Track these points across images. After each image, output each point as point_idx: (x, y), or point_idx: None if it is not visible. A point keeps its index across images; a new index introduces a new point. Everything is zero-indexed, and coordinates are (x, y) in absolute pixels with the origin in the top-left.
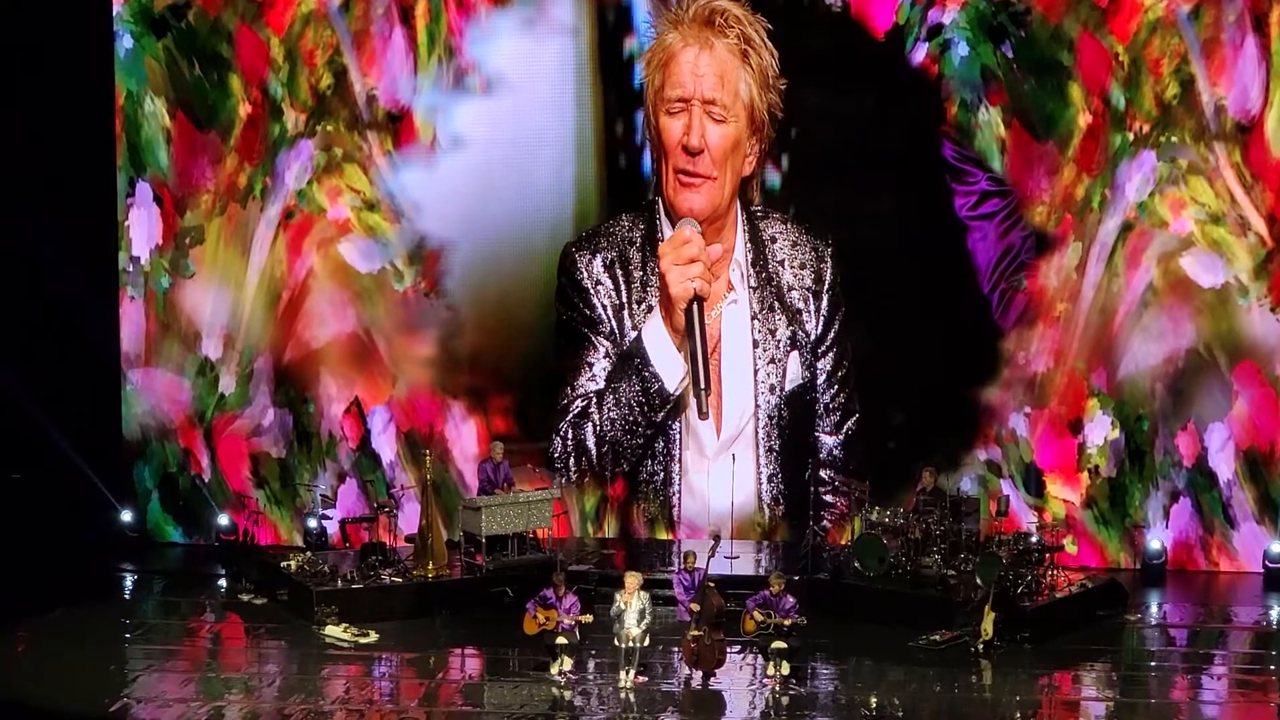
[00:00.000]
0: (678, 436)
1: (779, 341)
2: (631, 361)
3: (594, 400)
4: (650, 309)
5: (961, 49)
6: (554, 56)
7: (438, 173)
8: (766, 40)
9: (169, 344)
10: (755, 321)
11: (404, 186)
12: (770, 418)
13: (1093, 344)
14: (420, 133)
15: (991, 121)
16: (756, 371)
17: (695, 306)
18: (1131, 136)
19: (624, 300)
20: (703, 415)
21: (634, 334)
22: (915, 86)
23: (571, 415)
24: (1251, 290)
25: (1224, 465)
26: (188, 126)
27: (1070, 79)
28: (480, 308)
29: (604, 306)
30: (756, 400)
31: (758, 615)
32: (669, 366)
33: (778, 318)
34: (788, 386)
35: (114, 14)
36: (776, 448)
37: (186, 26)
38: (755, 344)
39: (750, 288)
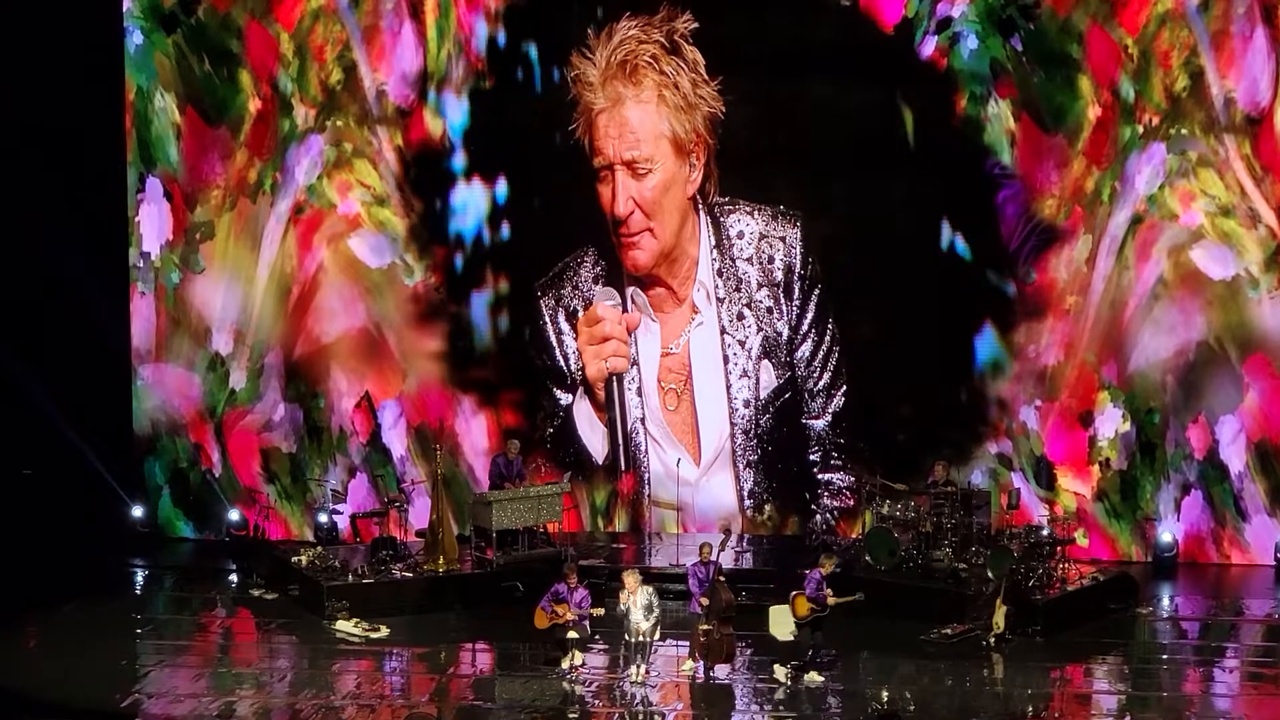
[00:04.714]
0: (645, 460)
1: (749, 351)
2: (567, 431)
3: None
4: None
5: (971, 42)
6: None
7: (446, 167)
8: (686, 51)
9: (179, 339)
10: (725, 336)
11: (413, 181)
12: (746, 432)
13: (1103, 337)
14: (430, 127)
15: (1001, 114)
16: (729, 388)
17: (614, 382)
18: (1141, 129)
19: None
20: (620, 489)
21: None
22: (924, 79)
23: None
24: (1262, 282)
25: (1235, 458)
26: (198, 122)
27: (1079, 72)
28: (489, 302)
29: (565, 358)
30: (732, 419)
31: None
32: (594, 440)
33: (747, 325)
34: (762, 395)
35: (124, 10)
36: (754, 460)
37: (196, 22)
38: (726, 359)
39: (717, 300)
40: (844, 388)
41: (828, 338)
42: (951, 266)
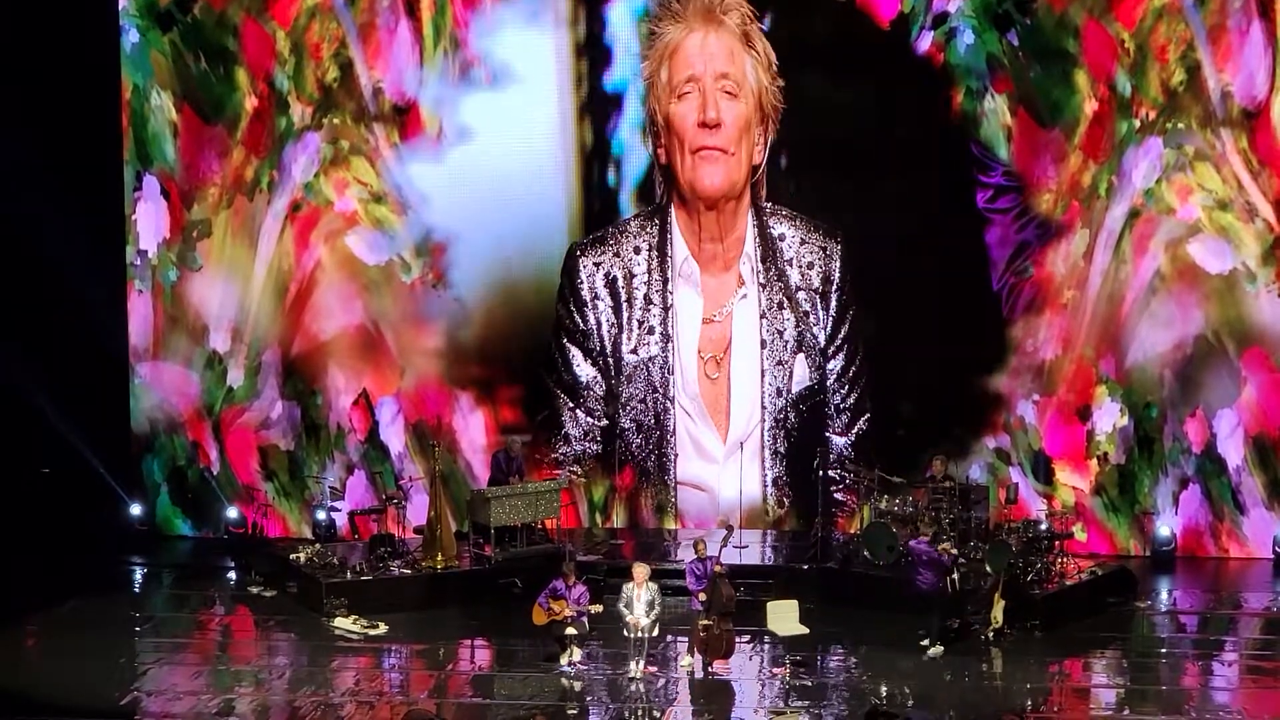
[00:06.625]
0: (673, 440)
1: (786, 343)
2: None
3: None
4: (651, 330)
5: (967, 37)
6: (557, 48)
7: (444, 165)
8: (759, 40)
9: (177, 337)
10: (764, 321)
11: (411, 179)
12: (777, 420)
13: (1101, 331)
14: (426, 125)
15: (997, 109)
16: (764, 374)
17: None
18: (1138, 123)
19: (622, 322)
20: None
21: (630, 357)
22: (921, 75)
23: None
24: (1259, 276)
25: (1233, 451)
26: (194, 120)
27: (1076, 66)
28: (488, 299)
29: (599, 324)
30: (763, 403)
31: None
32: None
33: (786, 317)
34: (794, 389)
35: (120, 8)
36: (783, 450)
37: (192, 20)
38: (763, 344)
39: (759, 284)
40: (867, 414)
41: (858, 358)
42: (947, 260)
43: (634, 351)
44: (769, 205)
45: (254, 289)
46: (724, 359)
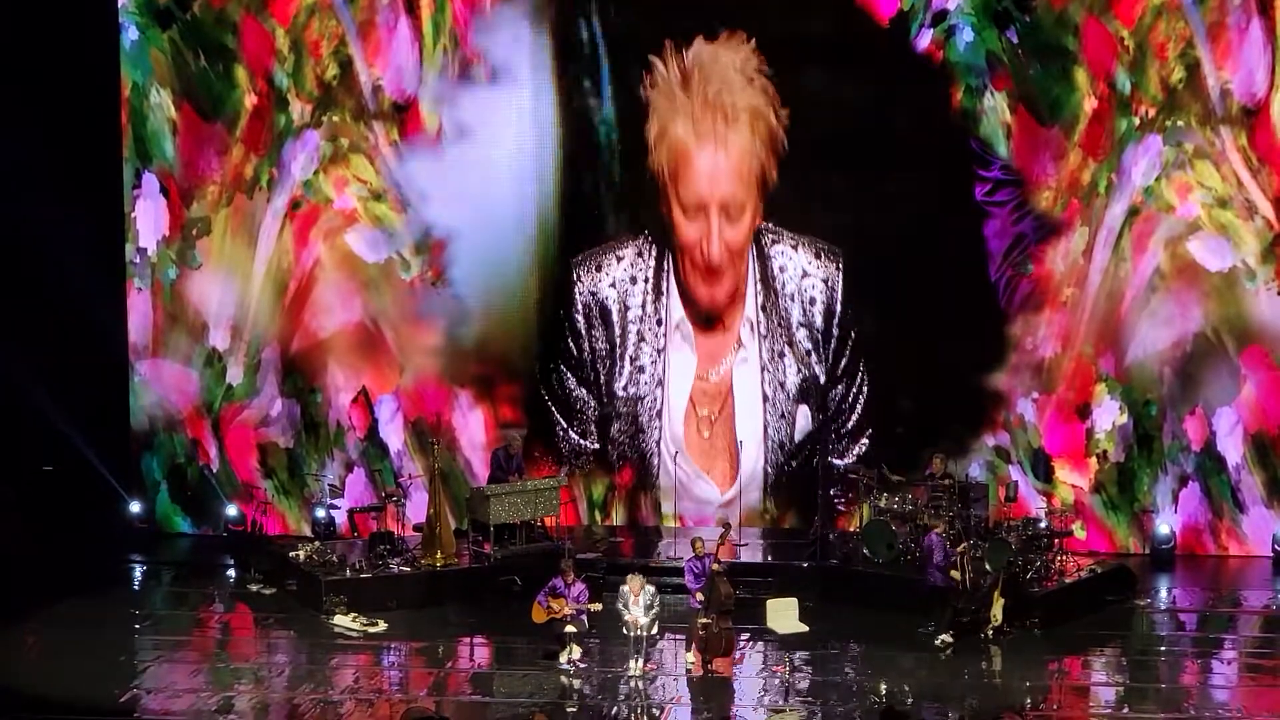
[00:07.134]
0: (658, 483)
1: (789, 393)
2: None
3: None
4: (641, 369)
5: (966, 34)
6: (556, 46)
7: (444, 162)
8: (768, 83)
9: (176, 335)
10: (765, 374)
11: (410, 176)
12: (779, 470)
13: (1100, 329)
14: (426, 122)
15: (997, 107)
16: (766, 428)
17: None
18: (1137, 121)
19: (615, 352)
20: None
21: (621, 394)
22: (920, 73)
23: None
24: (1259, 274)
25: (1232, 449)
26: (193, 118)
27: (1075, 64)
28: (487, 296)
29: (592, 352)
30: (766, 457)
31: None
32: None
33: (787, 365)
34: (797, 438)
35: (119, 6)
36: (783, 498)
37: (192, 18)
38: (765, 398)
39: (760, 336)
40: (869, 430)
41: (859, 380)
42: (947, 257)
43: (625, 388)
44: (770, 229)
45: (253, 286)
46: (718, 417)
